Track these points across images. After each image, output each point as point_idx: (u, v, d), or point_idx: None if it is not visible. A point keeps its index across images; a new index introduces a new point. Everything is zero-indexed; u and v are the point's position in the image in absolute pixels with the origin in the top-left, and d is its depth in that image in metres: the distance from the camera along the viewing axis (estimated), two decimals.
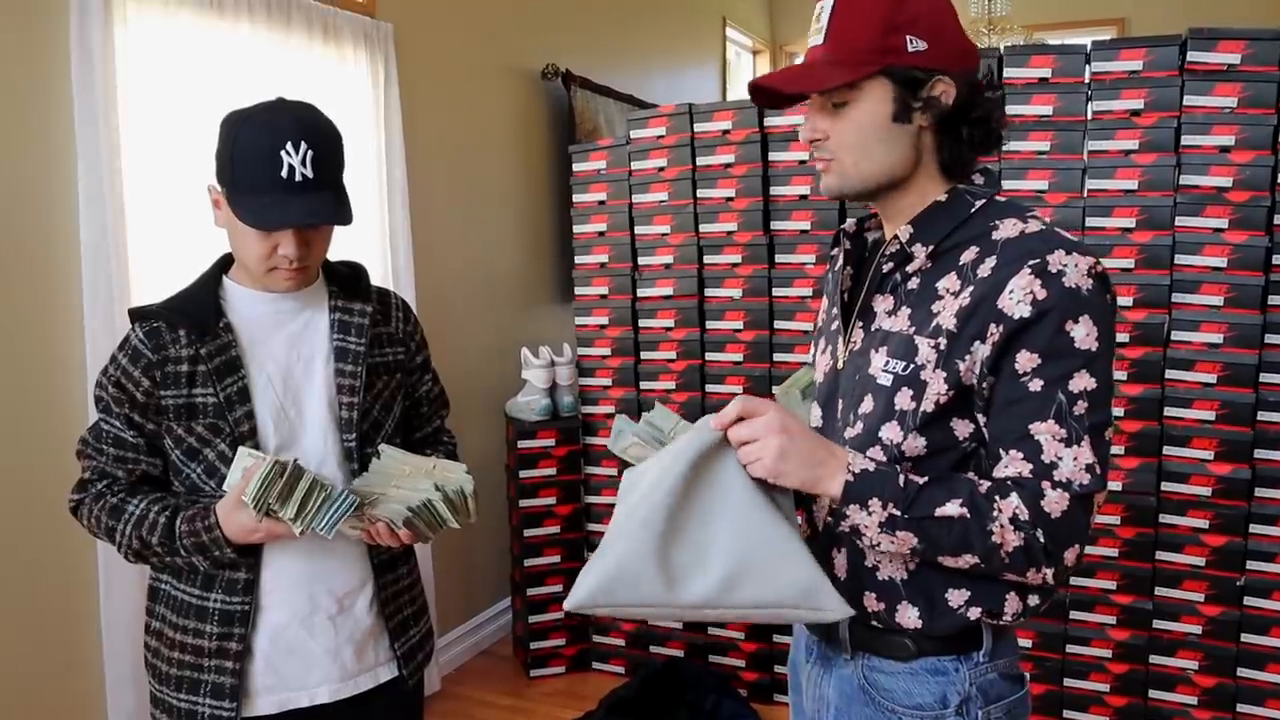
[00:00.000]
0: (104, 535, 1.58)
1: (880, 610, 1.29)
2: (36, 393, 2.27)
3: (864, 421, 1.27)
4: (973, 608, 1.25)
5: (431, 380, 1.83)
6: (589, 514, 3.51)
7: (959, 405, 1.21)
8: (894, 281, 1.29)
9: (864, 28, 1.20)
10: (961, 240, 1.24)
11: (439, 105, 3.54)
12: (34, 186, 2.25)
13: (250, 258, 1.54)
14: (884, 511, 1.17)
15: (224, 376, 1.54)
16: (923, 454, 1.23)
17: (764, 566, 1.16)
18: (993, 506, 1.16)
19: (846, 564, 1.31)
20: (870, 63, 1.20)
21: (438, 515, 1.52)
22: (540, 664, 3.52)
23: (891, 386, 1.24)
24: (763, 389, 3.17)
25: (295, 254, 1.52)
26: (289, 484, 1.41)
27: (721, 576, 1.16)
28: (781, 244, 3.14)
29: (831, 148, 1.26)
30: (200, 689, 1.57)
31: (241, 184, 1.49)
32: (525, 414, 3.47)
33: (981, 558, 1.17)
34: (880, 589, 1.29)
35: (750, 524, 1.17)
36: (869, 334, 1.30)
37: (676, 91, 5.28)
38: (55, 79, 2.27)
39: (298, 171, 1.47)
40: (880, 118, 1.22)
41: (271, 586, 1.59)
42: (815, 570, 1.16)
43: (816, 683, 1.41)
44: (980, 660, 1.28)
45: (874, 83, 1.21)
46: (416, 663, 1.74)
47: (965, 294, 1.20)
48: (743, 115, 3.15)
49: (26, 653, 2.25)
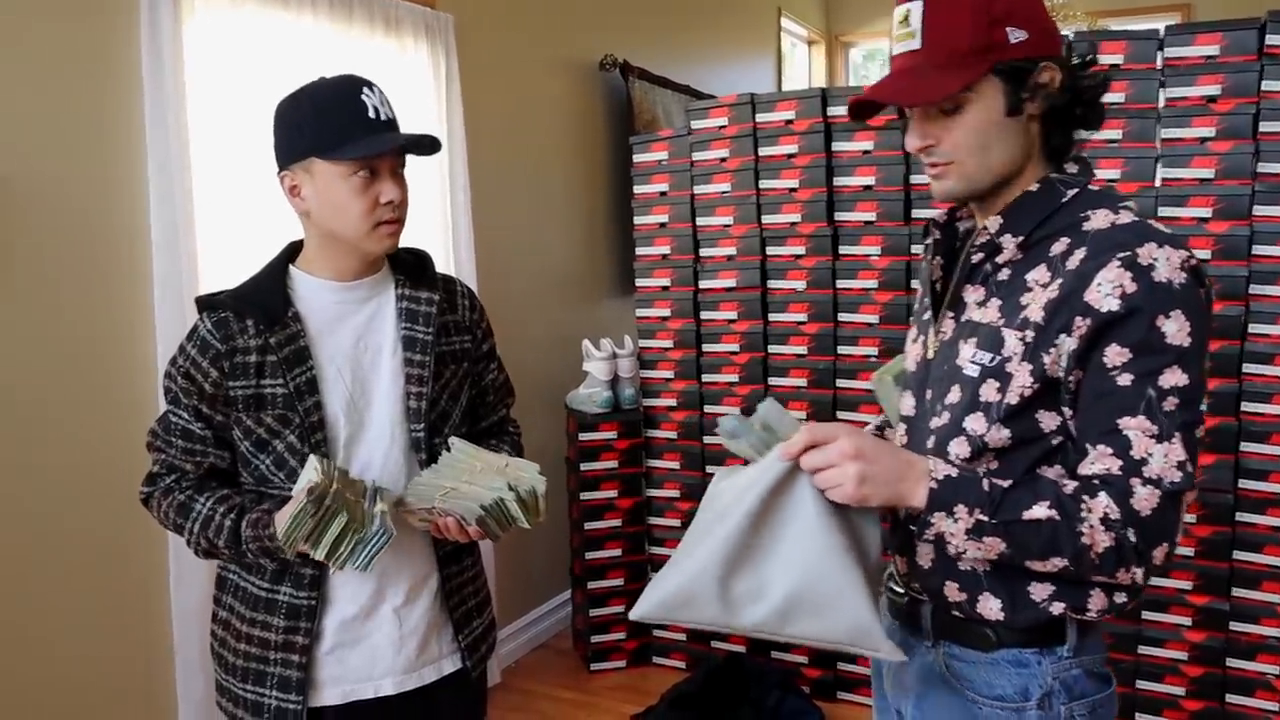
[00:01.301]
0: (173, 530, 1.62)
1: (962, 600, 1.30)
2: (109, 382, 2.33)
3: (950, 412, 1.28)
4: (1056, 603, 1.25)
5: (497, 369, 1.84)
6: (650, 507, 3.54)
7: (1045, 398, 1.22)
8: (984, 272, 1.30)
9: (962, 27, 1.19)
10: (1052, 231, 1.24)
11: (498, 97, 3.57)
12: (106, 179, 2.31)
13: (351, 218, 1.54)
14: (970, 518, 1.16)
15: (293, 367, 1.56)
16: (1007, 445, 1.24)
17: (819, 605, 1.18)
18: (1081, 507, 1.15)
19: (932, 554, 1.33)
20: (979, 63, 1.20)
21: (509, 514, 1.53)
22: (601, 658, 3.55)
23: (978, 378, 1.25)
24: (826, 382, 3.19)
25: (398, 195, 1.55)
26: (319, 524, 1.42)
27: (777, 609, 1.19)
28: (846, 235, 3.14)
29: (946, 152, 1.26)
30: (266, 681, 1.60)
31: (329, 137, 1.51)
32: (586, 406, 3.51)
33: (1071, 560, 1.17)
34: (963, 579, 1.30)
35: (813, 561, 1.18)
36: (959, 324, 1.32)
37: (732, 82, 5.26)
38: (126, 73, 2.33)
39: (381, 112, 1.53)
40: (994, 116, 1.23)
41: (339, 580, 1.62)
42: (869, 613, 1.18)
43: (897, 668, 1.43)
44: (1064, 655, 1.28)
45: (985, 82, 1.22)
46: (480, 655, 1.76)
47: (1054, 286, 1.20)
48: (805, 105, 3.15)
49: (99, 637, 2.31)
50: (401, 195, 1.57)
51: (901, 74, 1.25)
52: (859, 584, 1.18)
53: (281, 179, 1.59)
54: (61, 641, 2.25)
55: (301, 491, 1.44)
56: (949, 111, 1.23)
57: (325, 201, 1.55)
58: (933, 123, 1.26)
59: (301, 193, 1.57)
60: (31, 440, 2.19)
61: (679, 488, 3.48)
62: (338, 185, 1.53)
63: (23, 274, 2.17)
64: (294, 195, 1.58)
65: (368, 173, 1.53)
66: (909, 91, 1.24)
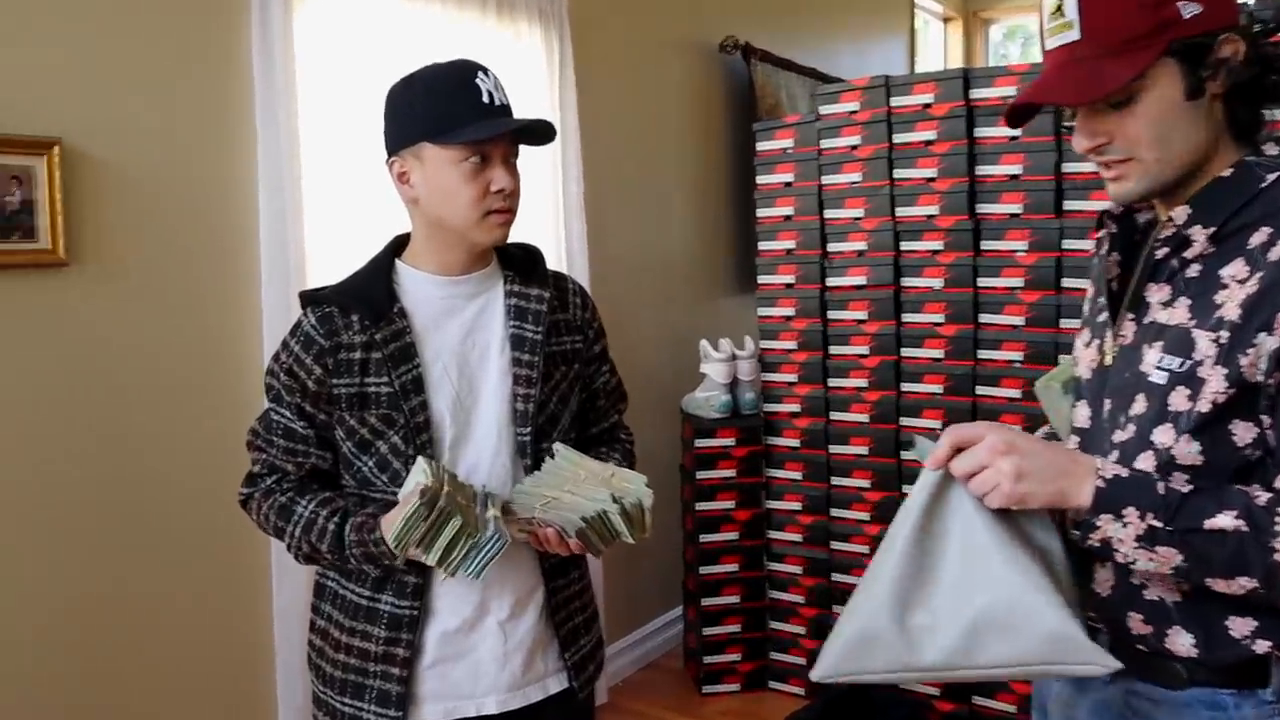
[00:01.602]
0: (273, 533, 1.61)
1: (1148, 634, 1.22)
2: (216, 378, 2.37)
3: (1136, 424, 1.20)
4: (1260, 640, 1.15)
5: (609, 372, 1.81)
6: (770, 520, 3.46)
7: (1240, 406, 1.13)
8: (1170, 269, 1.21)
9: (1127, 8, 1.12)
10: (1250, 220, 1.15)
11: (614, 82, 3.55)
12: (216, 173, 2.35)
13: (461, 205, 1.53)
14: (1142, 523, 1.10)
15: (398, 364, 1.54)
16: (1198, 462, 1.14)
17: (1006, 621, 1.11)
18: (1275, 520, 1.07)
19: (1112, 579, 1.25)
20: (1150, 47, 1.12)
21: (612, 527, 1.50)
22: (713, 680, 3.49)
23: (1166, 385, 1.16)
24: (964, 389, 3.05)
25: (510, 183, 1.53)
26: (433, 527, 1.40)
27: (959, 636, 1.12)
28: (989, 229, 3.01)
29: (1122, 149, 1.19)
30: (365, 694, 1.58)
31: (443, 122, 1.50)
32: (703, 411, 3.46)
33: (1261, 580, 1.08)
34: (1148, 611, 1.21)
35: (989, 573, 1.12)
36: (1141, 327, 1.23)
37: (862, 64, 5.18)
38: (237, 65, 2.37)
39: (495, 97, 1.52)
40: (1173, 102, 1.15)
41: (443, 590, 1.58)
42: (1067, 620, 1.10)
43: (1068, 704, 1.34)
44: (1269, 699, 1.17)
45: (1159, 66, 1.14)
46: (588, 674, 1.72)
47: (1253, 281, 1.12)
48: (945, 87, 3.04)
49: (201, 637, 2.35)
50: (513, 184, 1.55)
51: (1062, 69, 1.18)
52: (1046, 589, 1.11)
53: (390, 165, 1.58)
54: (165, 640, 2.29)
55: (412, 493, 1.42)
56: (1120, 104, 1.16)
57: (434, 188, 1.54)
58: (1102, 118, 1.18)
59: (410, 179, 1.56)
60: (136, 436, 2.23)
61: (801, 500, 3.38)
62: (448, 171, 1.52)
63: (133, 267, 2.22)
64: (402, 182, 1.58)
65: (479, 159, 1.52)
66: (1075, 89, 1.17)
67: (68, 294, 2.10)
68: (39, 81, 2.05)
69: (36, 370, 2.05)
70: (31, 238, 2.03)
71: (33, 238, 2.03)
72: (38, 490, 2.06)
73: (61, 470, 2.09)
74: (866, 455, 3.22)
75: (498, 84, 1.54)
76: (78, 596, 2.12)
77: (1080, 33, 1.15)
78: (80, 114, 2.11)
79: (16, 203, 2.00)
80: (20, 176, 2.01)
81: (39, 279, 2.05)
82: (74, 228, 2.09)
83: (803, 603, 3.38)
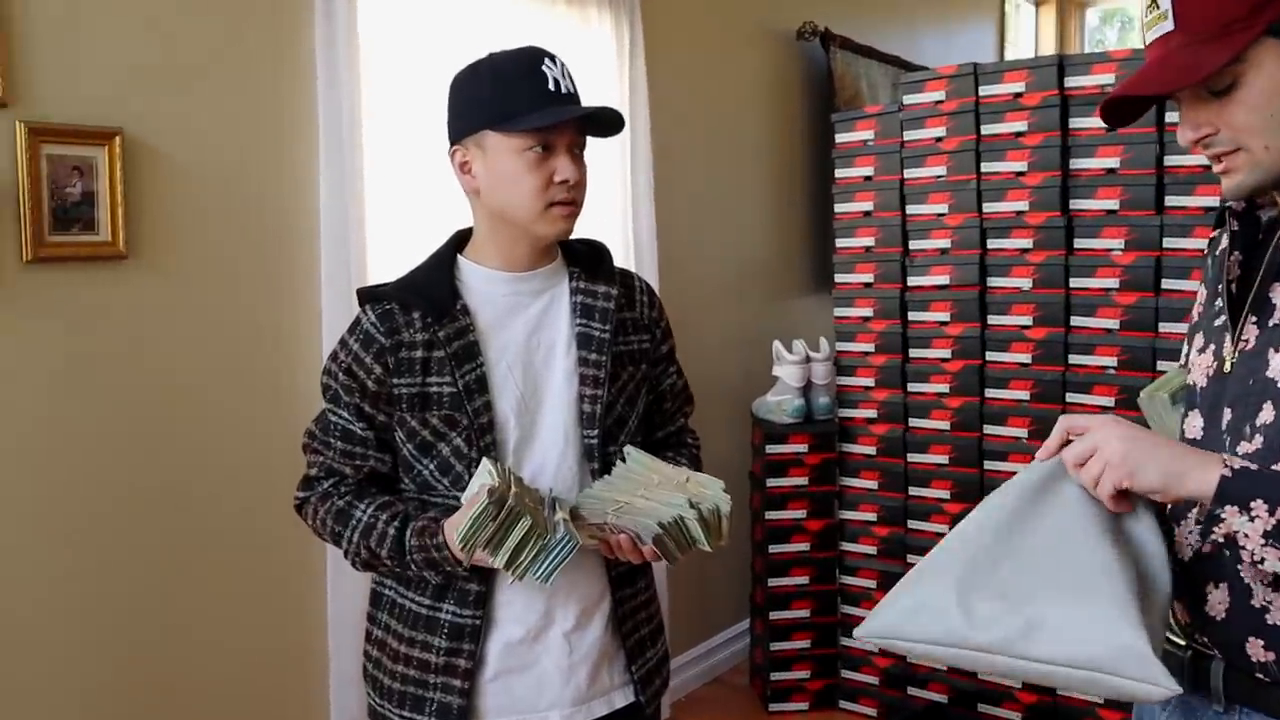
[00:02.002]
0: (330, 539, 1.60)
1: (1270, 661, 1.16)
2: (273, 377, 2.39)
3: (1264, 434, 1.15)
4: None
5: (676, 373, 1.79)
6: (843, 532, 3.42)
7: None
8: None
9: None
10: None
11: (686, 70, 3.53)
12: (278, 168, 2.37)
13: (523, 196, 1.52)
14: (1271, 518, 1.06)
15: (462, 363, 1.53)
16: None
17: (1076, 618, 1.08)
18: None
19: (1228, 601, 1.20)
20: (1247, 27, 1.11)
21: (689, 534, 1.47)
22: (780, 698, 3.46)
23: None
24: (1054, 396, 2.98)
25: (574, 174, 1.51)
26: (501, 528, 1.39)
27: (1024, 622, 1.10)
28: (1082, 226, 2.95)
29: (1228, 139, 1.16)
30: (425, 707, 1.56)
31: (507, 109, 1.49)
32: (775, 415, 3.44)
33: None
34: (1270, 635, 1.16)
35: (1074, 567, 1.10)
36: (1266, 330, 1.19)
37: (948, 52, 5.12)
38: (301, 59, 2.39)
39: (562, 85, 1.51)
40: (1278, 83, 1.12)
41: (507, 599, 1.56)
42: (1139, 635, 1.06)
43: None
44: None
45: (1259, 47, 1.11)
46: (654, 688, 1.70)
47: None
48: (1038, 76, 2.98)
49: (255, 641, 2.37)
50: (578, 175, 1.53)
51: (1158, 61, 1.17)
52: (1129, 598, 1.08)
53: (452, 155, 1.58)
54: (218, 643, 2.31)
55: (479, 494, 1.41)
56: (1222, 92, 1.14)
57: (496, 178, 1.53)
58: (1205, 108, 1.16)
59: (472, 169, 1.56)
60: (191, 433, 2.26)
61: (876, 510, 3.33)
62: (510, 160, 1.51)
63: (192, 261, 2.25)
64: (464, 172, 1.57)
65: (542, 149, 1.51)
66: (1162, 78, 1.15)
67: (127, 287, 2.12)
68: (101, 71, 2.07)
69: (93, 363, 2.08)
70: (92, 230, 2.06)
71: (93, 230, 2.06)
72: (90, 486, 2.09)
73: (113, 465, 2.12)
74: (946, 464, 3.15)
75: (565, 71, 1.53)
76: (126, 594, 2.15)
77: (1174, 22, 1.14)
78: (142, 105, 2.13)
79: (77, 194, 2.03)
80: (81, 167, 2.03)
81: (98, 271, 2.08)
82: (134, 220, 2.11)
83: None
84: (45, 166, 1.97)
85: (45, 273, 1.99)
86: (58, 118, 1.99)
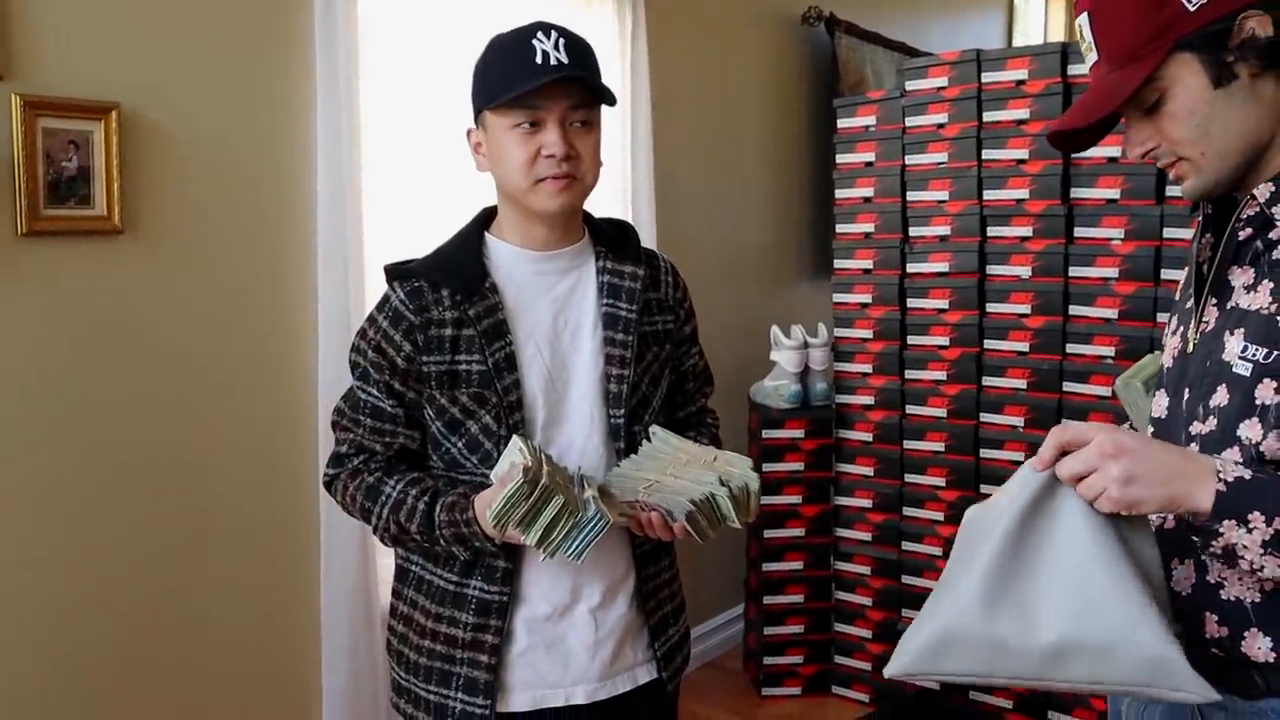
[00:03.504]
0: (359, 515, 1.61)
1: (1223, 637, 1.20)
2: (268, 355, 2.39)
3: (1218, 416, 1.19)
4: None
5: (699, 354, 1.81)
6: (838, 517, 3.42)
7: None
8: (1254, 250, 1.21)
9: (1129, 17, 1.17)
10: None
11: (688, 55, 3.51)
12: (275, 144, 2.37)
13: (513, 171, 1.53)
14: (1269, 528, 1.07)
15: (491, 341, 1.54)
16: None
17: (1102, 639, 1.09)
18: None
19: (1193, 578, 1.23)
20: (1155, 50, 1.16)
21: (720, 511, 1.49)
22: (773, 682, 3.47)
23: (1251, 377, 1.15)
24: (1051, 385, 2.99)
25: (560, 147, 1.50)
26: (535, 506, 1.39)
27: (1051, 648, 1.10)
28: (1082, 215, 2.94)
29: (1169, 151, 1.21)
30: (452, 681, 1.58)
31: (496, 85, 1.50)
32: (772, 400, 3.43)
33: None
34: (1224, 611, 1.20)
35: (1090, 586, 1.10)
36: (1224, 312, 1.22)
37: (955, 39, 5.10)
38: (299, 33, 2.38)
39: (553, 56, 1.49)
40: (1199, 94, 1.17)
41: (534, 576, 1.58)
42: (1169, 645, 1.08)
43: (1138, 713, 1.34)
44: None
45: (1173, 64, 1.16)
46: (676, 665, 1.72)
47: None
48: (1041, 63, 2.98)
49: (248, 620, 2.38)
50: (564, 148, 1.51)
51: (1091, 90, 1.23)
52: (1148, 609, 1.08)
53: (468, 136, 1.62)
54: (210, 617, 2.32)
55: (514, 470, 1.42)
56: (1152, 108, 1.19)
57: (494, 155, 1.56)
58: (1143, 125, 1.22)
59: (483, 149, 1.59)
60: (185, 410, 2.26)
61: (871, 497, 3.33)
62: (504, 137, 1.53)
63: (189, 237, 2.25)
64: (477, 153, 1.60)
65: (530, 124, 1.51)
66: (1091, 105, 1.21)
67: (122, 262, 2.13)
68: (98, 44, 2.07)
69: (87, 337, 2.09)
70: (87, 204, 2.06)
71: (88, 204, 2.06)
72: (82, 460, 2.09)
73: (106, 440, 2.12)
74: (943, 452, 3.16)
75: (561, 43, 1.50)
76: (117, 569, 2.15)
77: (1098, 53, 1.21)
78: (140, 79, 2.13)
79: (73, 168, 2.04)
80: (77, 141, 2.04)
81: (93, 246, 2.08)
82: (130, 195, 2.11)
83: (870, 605, 3.34)
84: (41, 139, 1.97)
85: (40, 246, 2.00)
86: (54, 91, 1.99)
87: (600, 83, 1.54)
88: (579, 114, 1.53)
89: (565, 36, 1.52)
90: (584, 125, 1.54)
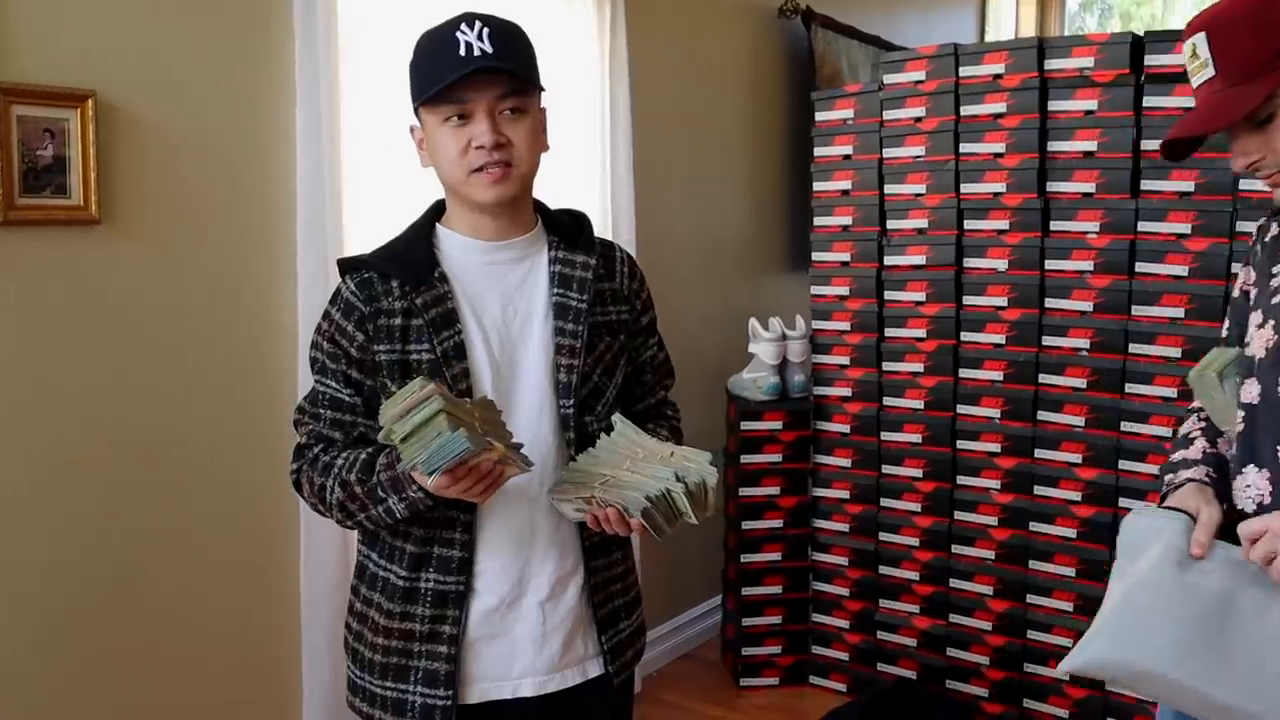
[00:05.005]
0: (317, 499, 1.59)
1: None
2: (247, 345, 2.37)
3: None
4: None
5: (657, 345, 1.80)
6: (816, 509, 3.42)
7: None
8: None
9: (1250, 39, 1.33)
10: None
11: (667, 47, 3.51)
12: (254, 133, 2.35)
13: (449, 164, 1.53)
14: None
15: (439, 330, 1.54)
16: None
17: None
18: None
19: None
20: (1276, 67, 1.32)
21: (675, 507, 1.48)
22: (751, 673, 3.47)
23: None
24: (1026, 377, 3.00)
25: (489, 137, 1.50)
26: (416, 406, 1.37)
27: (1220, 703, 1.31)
28: (1059, 209, 2.96)
29: (1273, 163, 1.37)
30: (410, 676, 1.57)
31: (424, 80, 1.51)
32: (750, 392, 3.43)
33: None
34: None
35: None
36: None
37: (928, 33, 5.10)
38: (278, 22, 2.36)
39: (475, 47, 1.48)
40: None
41: (484, 568, 1.58)
42: None
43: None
44: None
45: None
46: (625, 660, 1.70)
47: None
48: (1018, 58, 2.98)
49: (227, 616, 2.36)
50: (492, 138, 1.51)
51: (1205, 102, 1.39)
52: None
53: (412, 133, 1.62)
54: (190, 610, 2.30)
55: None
56: (1263, 123, 1.35)
57: (431, 151, 1.57)
58: (1250, 138, 1.38)
59: (424, 145, 1.60)
60: (164, 401, 2.23)
61: (849, 488, 3.34)
62: (436, 132, 1.54)
63: (167, 227, 2.22)
64: (420, 149, 1.61)
65: (459, 116, 1.52)
66: (1208, 118, 1.38)
67: (99, 252, 2.10)
68: (74, 30, 2.04)
69: (64, 330, 2.06)
70: (63, 194, 2.03)
71: (64, 194, 2.03)
72: (60, 451, 2.07)
73: (83, 431, 2.10)
74: (919, 444, 3.17)
75: (485, 33, 1.49)
76: (96, 559, 2.13)
77: (1215, 69, 1.36)
78: (116, 67, 2.10)
79: (48, 157, 2.00)
80: (52, 129, 2.00)
81: (69, 235, 2.05)
82: (107, 185, 2.09)
83: (847, 595, 3.35)
84: (16, 128, 1.94)
85: (15, 236, 1.96)
86: (29, 78, 1.96)
87: (526, 69, 1.53)
88: (508, 102, 1.52)
89: (489, 25, 1.50)
90: (515, 113, 1.53)
